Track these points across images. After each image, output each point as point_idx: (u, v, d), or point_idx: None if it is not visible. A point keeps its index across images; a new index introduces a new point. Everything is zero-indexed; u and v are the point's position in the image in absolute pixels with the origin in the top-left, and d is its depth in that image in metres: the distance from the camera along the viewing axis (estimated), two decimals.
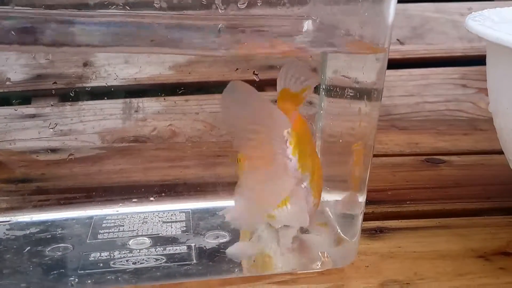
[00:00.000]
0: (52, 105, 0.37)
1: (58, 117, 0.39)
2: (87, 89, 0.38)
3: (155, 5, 0.30)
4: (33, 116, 0.39)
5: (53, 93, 0.37)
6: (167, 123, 0.42)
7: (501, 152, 0.49)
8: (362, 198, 0.31)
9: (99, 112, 0.41)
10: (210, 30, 0.32)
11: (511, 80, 0.32)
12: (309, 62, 0.36)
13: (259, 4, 0.31)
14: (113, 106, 0.42)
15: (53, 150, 0.39)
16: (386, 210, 0.38)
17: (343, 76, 0.35)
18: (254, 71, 0.37)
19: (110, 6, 0.30)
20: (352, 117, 0.32)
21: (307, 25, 0.34)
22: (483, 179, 0.44)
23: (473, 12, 0.39)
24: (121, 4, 0.30)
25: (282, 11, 0.32)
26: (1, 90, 0.37)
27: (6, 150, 0.38)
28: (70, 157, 0.37)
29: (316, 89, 0.36)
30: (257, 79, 0.37)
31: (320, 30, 0.33)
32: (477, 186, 0.43)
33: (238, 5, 0.31)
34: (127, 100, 0.42)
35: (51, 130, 0.37)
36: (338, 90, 0.34)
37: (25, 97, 0.40)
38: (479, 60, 0.68)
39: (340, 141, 0.34)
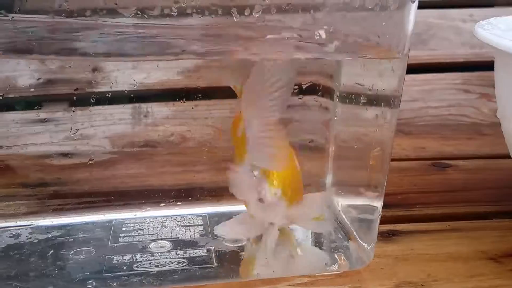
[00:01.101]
0: (73, 111, 0.38)
1: (70, 122, 0.39)
2: (96, 94, 0.39)
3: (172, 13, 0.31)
4: (44, 120, 0.40)
5: (75, 99, 0.38)
6: (176, 128, 0.42)
7: (505, 157, 0.50)
8: (379, 203, 0.32)
9: (109, 117, 0.41)
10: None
11: None
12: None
13: (273, 13, 0.32)
14: (123, 111, 0.42)
15: (66, 155, 0.40)
16: (397, 213, 0.39)
17: (357, 83, 0.36)
18: None
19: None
20: (368, 123, 0.33)
21: (321, 33, 0.34)
22: (490, 183, 0.45)
23: (480, 21, 0.40)
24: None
25: (295, 19, 0.33)
26: (12, 95, 0.38)
27: (19, 154, 0.39)
28: (90, 162, 0.38)
29: (331, 95, 0.37)
30: None
31: (335, 37, 0.34)
32: (484, 190, 0.44)
33: (253, 13, 0.32)
34: (137, 105, 0.43)
35: (72, 135, 0.38)
36: (353, 97, 0.35)
37: (35, 102, 0.40)
38: (481, 66, 0.70)
39: (355, 147, 0.35)
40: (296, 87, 0.37)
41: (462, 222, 0.38)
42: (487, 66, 0.69)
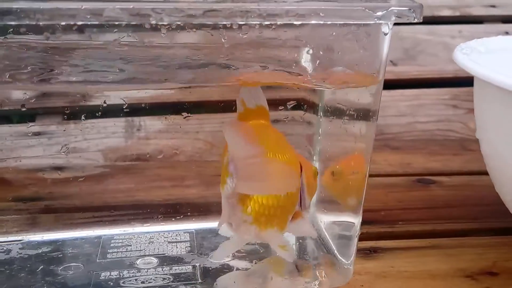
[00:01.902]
0: (82, 122, 0.38)
1: (63, 135, 0.40)
2: (89, 107, 0.40)
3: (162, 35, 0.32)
4: (38, 134, 0.41)
5: (68, 111, 0.38)
6: (168, 142, 0.43)
7: (488, 173, 0.52)
8: (357, 221, 0.33)
9: (102, 130, 0.42)
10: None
11: (495, 112, 0.35)
12: None
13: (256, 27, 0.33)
14: (116, 124, 0.43)
15: (59, 168, 0.41)
16: (379, 230, 0.41)
17: (339, 104, 0.37)
18: None
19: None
20: (349, 137, 0.34)
21: (305, 58, 0.36)
22: (471, 200, 0.46)
23: (461, 44, 0.42)
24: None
25: (276, 35, 0.34)
26: (6, 108, 0.39)
27: (13, 167, 0.40)
28: (80, 179, 0.39)
29: (315, 112, 0.39)
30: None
31: (316, 64, 0.35)
32: (466, 207, 0.45)
33: (241, 34, 0.33)
34: (129, 118, 0.44)
35: (62, 151, 0.39)
36: (334, 114, 0.36)
37: (29, 115, 0.41)
38: (469, 82, 0.71)
39: (337, 166, 0.36)
40: (281, 107, 0.38)
41: (442, 239, 0.40)
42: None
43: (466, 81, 0.70)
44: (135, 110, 0.42)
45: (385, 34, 0.28)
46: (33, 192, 0.41)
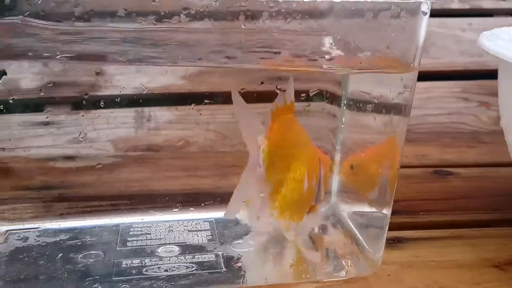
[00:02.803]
0: (82, 115, 0.38)
1: (72, 125, 0.39)
2: (100, 97, 0.39)
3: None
4: (46, 123, 0.40)
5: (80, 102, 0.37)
6: (179, 133, 0.43)
7: (505, 165, 0.51)
8: (387, 211, 0.32)
9: (112, 121, 0.42)
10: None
11: None
12: None
13: (279, 19, 0.33)
14: (126, 114, 0.42)
15: (70, 158, 0.40)
16: (401, 220, 0.40)
17: (363, 92, 0.36)
18: (276, 86, 0.38)
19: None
20: (377, 131, 0.33)
21: (330, 44, 0.35)
22: (491, 191, 0.46)
23: (484, 31, 0.41)
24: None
25: (301, 26, 0.33)
26: (15, 97, 0.38)
27: (22, 157, 0.39)
28: (98, 165, 0.38)
29: (338, 103, 0.38)
30: (279, 93, 0.38)
31: (345, 49, 0.34)
32: (485, 198, 0.44)
33: (261, 21, 0.32)
34: (139, 109, 0.43)
35: (80, 139, 0.38)
36: (360, 105, 0.35)
37: (38, 105, 0.40)
38: (480, 75, 0.71)
39: (363, 154, 0.35)
40: (303, 94, 0.38)
41: (465, 230, 0.39)
42: (487, 74, 0.70)
43: (476, 74, 0.71)
44: (145, 100, 0.42)
45: (424, 14, 0.27)
46: (44, 181, 0.40)
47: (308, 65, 0.35)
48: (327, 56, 0.35)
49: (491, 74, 0.71)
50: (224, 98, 0.42)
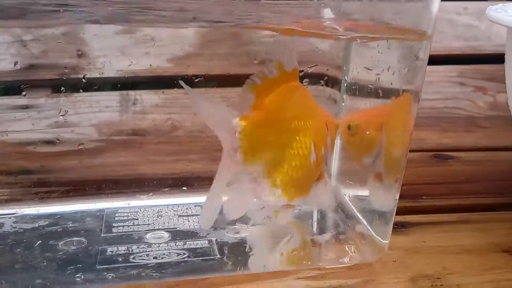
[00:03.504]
0: (73, 96, 0.35)
1: (52, 108, 0.37)
2: (82, 80, 0.37)
3: None
4: (25, 107, 0.37)
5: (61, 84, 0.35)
6: (166, 117, 0.40)
7: (505, 149, 0.50)
8: (396, 195, 0.30)
9: (95, 104, 0.39)
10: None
11: None
12: None
13: None
14: (110, 98, 0.40)
15: (50, 142, 0.37)
16: (404, 205, 0.38)
17: (366, 68, 0.34)
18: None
19: None
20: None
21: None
22: (493, 175, 0.44)
23: (489, 6, 0.39)
24: None
25: None
26: None
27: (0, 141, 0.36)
28: (80, 146, 0.36)
29: (339, 85, 0.36)
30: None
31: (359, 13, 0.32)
32: (488, 182, 0.43)
33: None
34: (124, 92, 0.40)
35: (61, 117, 0.35)
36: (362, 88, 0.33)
37: (16, 88, 0.38)
38: (476, 59, 0.69)
39: (367, 132, 0.33)
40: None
41: (471, 214, 0.37)
42: (482, 59, 0.69)
43: (473, 59, 0.69)
44: (130, 83, 0.39)
45: None
46: (22, 166, 0.37)
47: (321, 28, 0.32)
48: (342, 21, 0.32)
49: (487, 59, 0.70)
50: (212, 81, 0.39)
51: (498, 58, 0.67)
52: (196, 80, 0.36)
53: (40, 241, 0.30)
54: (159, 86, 0.40)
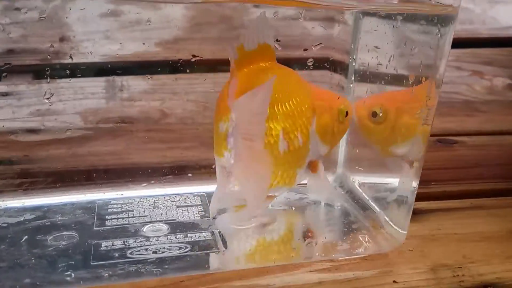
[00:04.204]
0: (56, 82, 0.33)
1: (34, 95, 0.34)
2: (65, 66, 0.34)
3: None
4: (5, 94, 0.34)
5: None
6: (155, 103, 0.38)
7: (509, 133, 0.48)
8: (415, 183, 0.28)
9: (79, 91, 0.36)
10: None
11: None
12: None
13: None
14: (95, 84, 0.37)
15: (33, 131, 0.34)
16: None
17: (375, 47, 0.32)
18: (277, 39, 0.33)
19: None
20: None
21: None
22: (502, 159, 0.42)
23: None
24: None
25: None
26: None
27: None
28: (67, 133, 0.33)
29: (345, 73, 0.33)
30: (279, 48, 0.33)
31: None
32: (498, 166, 0.41)
33: None
34: (110, 78, 0.38)
35: (45, 100, 0.32)
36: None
37: None
38: (472, 43, 0.68)
39: (380, 114, 0.31)
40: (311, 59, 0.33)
41: (484, 200, 0.35)
42: (479, 43, 0.67)
43: (470, 43, 0.67)
44: (117, 68, 0.36)
45: None
46: (3, 156, 0.34)
47: None
48: None
49: (483, 43, 0.69)
50: (204, 66, 0.37)
51: (494, 42, 0.66)
52: (193, 60, 0.33)
53: (26, 236, 0.28)
54: (147, 72, 0.37)
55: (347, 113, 0.29)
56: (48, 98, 0.32)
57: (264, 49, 0.26)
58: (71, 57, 0.32)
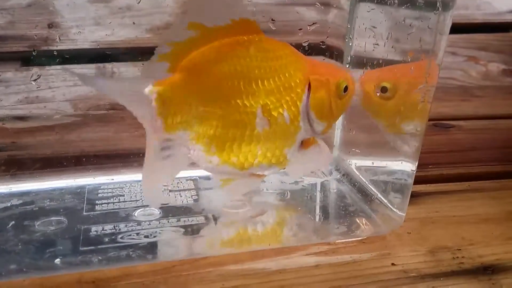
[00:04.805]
0: (45, 69, 0.32)
1: (22, 83, 0.33)
2: (54, 52, 0.33)
3: None
4: None
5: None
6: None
7: (505, 117, 0.48)
8: (414, 166, 0.27)
9: (69, 78, 0.35)
10: None
11: None
12: None
13: None
14: (85, 71, 0.36)
15: (21, 118, 0.33)
16: None
17: (372, 27, 0.31)
18: (271, 19, 0.32)
19: None
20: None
21: None
22: (498, 142, 0.42)
23: None
24: None
25: None
26: None
27: None
28: (56, 118, 0.32)
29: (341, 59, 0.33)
30: (273, 28, 0.32)
31: None
32: (494, 150, 0.41)
33: None
34: (101, 65, 0.37)
35: (32, 82, 0.31)
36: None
37: None
38: (467, 28, 0.67)
39: (377, 94, 0.30)
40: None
41: (481, 182, 0.35)
42: (474, 28, 0.67)
43: (465, 28, 0.67)
44: (107, 55, 0.35)
45: None
46: None
47: None
48: None
49: (478, 28, 0.68)
50: None
51: (489, 28, 0.66)
52: None
53: (13, 222, 0.27)
54: (138, 58, 0.36)
55: (346, 88, 0.27)
56: (35, 80, 0.31)
57: (244, 23, 0.24)
58: (58, 42, 0.31)
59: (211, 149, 0.24)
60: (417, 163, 0.28)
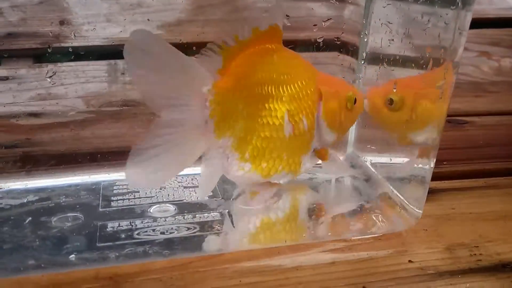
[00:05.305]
0: (57, 66, 0.32)
1: (35, 80, 0.33)
2: (69, 49, 0.33)
3: None
4: (5, 78, 0.34)
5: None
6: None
7: None
8: (433, 163, 0.27)
9: (81, 75, 0.36)
10: None
11: None
12: None
13: None
14: (97, 68, 0.36)
15: (35, 115, 0.34)
16: None
17: (388, 22, 0.31)
18: (286, 15, 0.32)
19: None
20: None
21: None
22: None
23: None
24: None
25: None
26: None
27: None
28: (69, 115, 0.32)
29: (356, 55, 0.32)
30: (288, 23, 0.32)
31: None
32: (509, 146, 0.40)
33: None
34: (112, 61, 0.37)
35: (47, 78, 0.31)
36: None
37: None
38: (479, 23, 0.67)
39: (394, 88, 0.30)
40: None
41: (498, 179, 0.35)
42: (486, 23, 0.66)
43: (476, 23, 0.66)
44: (118, 52, 0.35)
45: None
46: (5, 139, 0.34)
47: None
48: None
49: (490, 23, 0.67)
50: None
51: (501, 23, 0.65)
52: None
53: (30, 218, 0.27)
54: None
55: (355, 101, 0.28)
56: (51, 76, 0.31)
57: (273, 31, 0.25)
58: (70, 39, 0.32)
59: (246, 155, 0.24)
60: (435, 160, 0.27)
